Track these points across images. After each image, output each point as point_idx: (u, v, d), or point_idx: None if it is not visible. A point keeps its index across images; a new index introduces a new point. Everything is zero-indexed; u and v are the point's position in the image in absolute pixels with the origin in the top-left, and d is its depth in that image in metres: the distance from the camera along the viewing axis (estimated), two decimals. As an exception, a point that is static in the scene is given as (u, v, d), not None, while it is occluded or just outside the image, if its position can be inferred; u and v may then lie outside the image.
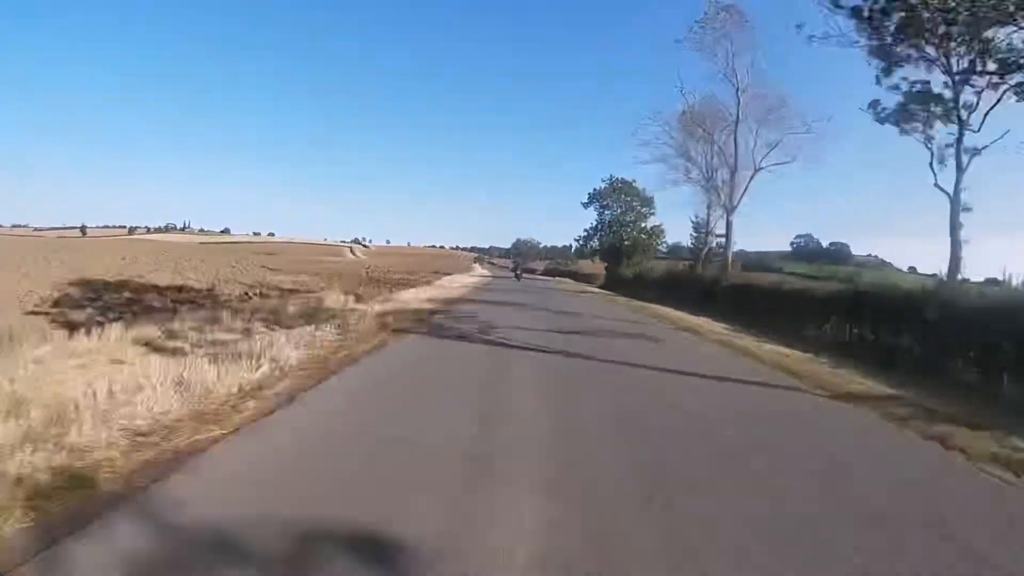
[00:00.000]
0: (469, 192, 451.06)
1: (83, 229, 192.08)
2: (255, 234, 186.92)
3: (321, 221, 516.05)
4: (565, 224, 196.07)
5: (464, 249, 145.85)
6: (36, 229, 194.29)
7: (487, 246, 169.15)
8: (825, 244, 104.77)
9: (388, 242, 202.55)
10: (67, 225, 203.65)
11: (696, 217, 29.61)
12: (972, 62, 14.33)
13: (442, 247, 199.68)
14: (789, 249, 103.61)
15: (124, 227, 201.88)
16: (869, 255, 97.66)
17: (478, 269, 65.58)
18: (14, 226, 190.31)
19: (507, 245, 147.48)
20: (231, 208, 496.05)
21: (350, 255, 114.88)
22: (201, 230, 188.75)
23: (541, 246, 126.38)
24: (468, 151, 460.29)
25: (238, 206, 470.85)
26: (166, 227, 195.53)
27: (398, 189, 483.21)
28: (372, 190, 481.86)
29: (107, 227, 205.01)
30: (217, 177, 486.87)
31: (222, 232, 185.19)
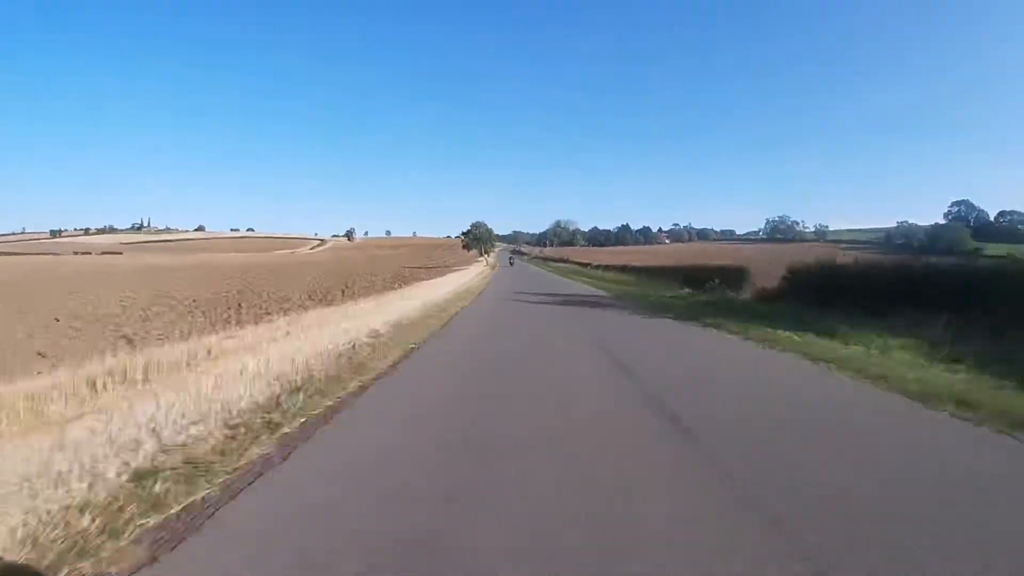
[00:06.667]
0: (487, 177, 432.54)
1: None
2: (233, 230, 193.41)
3: (315, 213, 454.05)
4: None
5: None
6: None
7: (510, 232, 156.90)
8: (992, 215, 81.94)
9: (388, 233, 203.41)
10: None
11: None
12: None
13: (456, 237, 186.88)
14: (943, 221, 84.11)
15: (33, 232, 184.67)
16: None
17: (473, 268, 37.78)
18: None
19: (539, 230, 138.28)
20: (209, 204, 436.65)
21: (303, 251, 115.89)
22: (167, 229, 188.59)
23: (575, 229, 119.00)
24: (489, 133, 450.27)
25: (219, 202, 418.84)
26: (110, 228, 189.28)
27: (406, 178, 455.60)
28: (383, 179, 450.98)
29: (16, 233, 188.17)
30: (192, 172, 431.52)
31: (196, 230, 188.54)
